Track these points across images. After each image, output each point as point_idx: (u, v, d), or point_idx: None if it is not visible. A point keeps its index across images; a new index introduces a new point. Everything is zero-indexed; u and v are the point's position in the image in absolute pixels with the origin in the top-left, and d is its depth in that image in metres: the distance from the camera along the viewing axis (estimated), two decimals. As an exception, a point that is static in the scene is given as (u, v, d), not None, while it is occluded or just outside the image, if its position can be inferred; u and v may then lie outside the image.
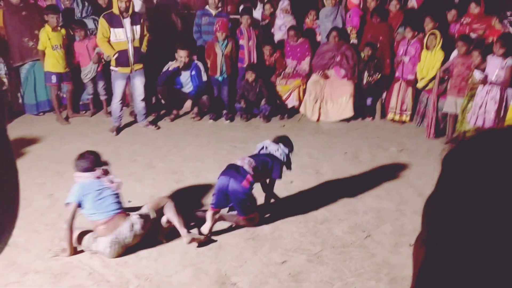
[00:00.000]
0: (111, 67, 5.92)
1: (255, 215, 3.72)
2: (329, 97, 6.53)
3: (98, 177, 3.39)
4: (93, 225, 3.34)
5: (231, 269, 3.20)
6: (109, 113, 6.43)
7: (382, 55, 6.55)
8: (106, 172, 3.50)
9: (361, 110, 6.65)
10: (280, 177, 3.81)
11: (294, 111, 6.78)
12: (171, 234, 3.59)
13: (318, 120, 6.58)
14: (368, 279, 3.11)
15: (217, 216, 3.63)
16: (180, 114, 6.67)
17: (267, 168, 3.73)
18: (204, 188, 4.45)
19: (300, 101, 6.67)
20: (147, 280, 3.07)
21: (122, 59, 5.76)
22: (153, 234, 3.51)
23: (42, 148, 5.55)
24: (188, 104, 6.46)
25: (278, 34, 7.00)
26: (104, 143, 5.62)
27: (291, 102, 6.70)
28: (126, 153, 5.36)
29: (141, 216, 3.41)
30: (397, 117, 6.49)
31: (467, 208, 0.41)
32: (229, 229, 3.72)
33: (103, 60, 6.33)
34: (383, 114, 6.68)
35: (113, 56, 5.75)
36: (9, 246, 3.39)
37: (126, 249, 3.36)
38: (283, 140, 4.01)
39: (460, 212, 0.42)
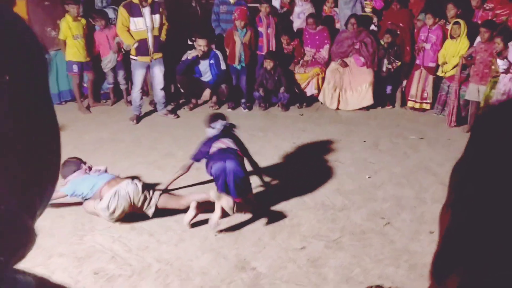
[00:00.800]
0: (131, 56, 5.97)
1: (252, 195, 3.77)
2: (348, 86, 6.48)
3: (86, 172, 3.75)
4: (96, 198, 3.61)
5: (250, 254, 3.23)
6: (129, 102, 6.50)
7: (402, 42, 6.45)
8: (90, 168, 3.81)
9: (381, 98, 6.58)
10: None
11: (313, 99, 6.75)
12: (188, 232, 3.64)
13: (337, 108, 6.54)
14: (387, 266, 3.10)
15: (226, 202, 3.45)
16: (199, 103, 6.71)
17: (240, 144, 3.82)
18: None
19: (319, 90, 6.64)
20: (168, 264, 3.13)
21: (142, 48, 5.81)
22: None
23: (64, 137, 5.54)
24: (206, 93, 6.49)
25: (297, 22, 6.96)
26: (125, 132, 5.70)
27: (310, 91, 6.67)
28: (146, 142, 5.43)
29: (143, 185, 3.67)
30: (417, 105, 6.40)
31: (495, 175, 0.41)
32: (247, 215, 3.74)
33: (122, 50, 6.40)
34: (403, 103, 6.60)
35: (133, 45, 5.80)
36: (35, 230, 3.49)
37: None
38: (215, 118, 3.93)
39: (488, 178, 0.42)
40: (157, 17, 5.82)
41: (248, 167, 3.85)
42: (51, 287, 0.40)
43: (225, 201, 3.40)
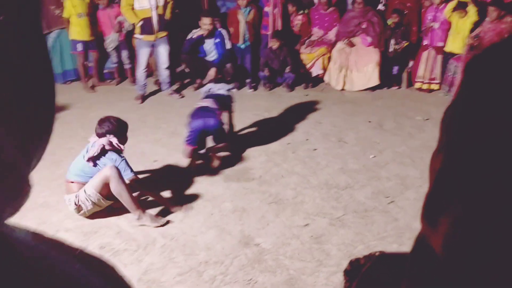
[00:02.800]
0: (136, 35, 5.94)
1: (227, 143, 4.32)
2: (354, 66, 6.43)
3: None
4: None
5: (254, 230, 3.26)
6: (134, 82, 6.50)
7: (409, 22, 6.37)
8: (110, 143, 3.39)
9: (387, 78, 6.53)
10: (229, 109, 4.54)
11: (318, 80, 6.71)
12: (195, 199, 3.68)
13: (342, 89, 6.51)
14: (391, 243, 3.13)
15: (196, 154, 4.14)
16: (204, 83, 6.68)
17: (223, 102, 4.36)
18: (227, 155, 4.50)
19: (325, 70, 6.60)
20: (173, 240, 3.16)
21: (146, 27, 5.78)
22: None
23: (69, 115, 5.68)
24: (212, 72, 6.46)
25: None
26: (130, 111, 5.71)
27: (316, 71, 6.63)
28: (152, 120, 5.44)
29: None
30: (425, 86, 6.36)
31: (490, 116, 0.40)
32: (252, 194, 3.77)
33: (123, 30, 6.35)
34: (410, 83, 6.55)
35: (138, 24, 5.77)
36: (42, 207, 3.54)
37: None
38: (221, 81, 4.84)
39: (483, 120, 0.40)
40: None
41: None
42: (46, 240, 0.38)
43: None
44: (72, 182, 3.39)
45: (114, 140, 3.36)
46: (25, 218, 3.20)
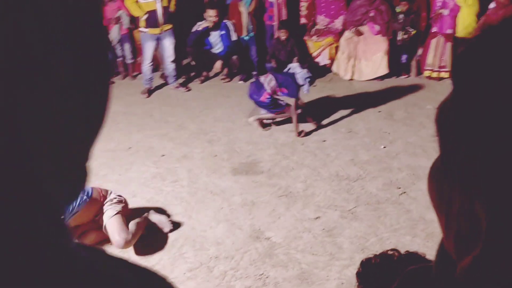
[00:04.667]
0: (140, 29, 5.89)
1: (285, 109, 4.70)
2: (362, 55, 6.33)
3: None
4: None
5: (264, 224, 3.21)
6: (134, 76, 6.49)
7: (418, 9, 6.25)
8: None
9: (396, 67, 6.43)
10: (295, 96, 4.66)
11: (326, 70, 6.62)
12: (203, 193, 3.64)
13: (351, 79, 6.42)
14: (404, 235, 3.06)
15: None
16: (210, 76, 6.63)
17: (287, 84, 4.60)
18: (237, 147, 4.45)
19: (332, 60, 6.50)
20: (182, 235, 3.13)
21: (151, 19, 5.71)
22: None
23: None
24: (218, 64, 6.40)
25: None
26: (137, 105, 5.68)
27: (323, 61, 6.54)
28: (158, 114, 5.40)
29: None
30: (435, 74, 6.24)
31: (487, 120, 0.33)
32: (261, 187, 3.72)
33: (120, 23, 6.26)
34: (419, 72, 6.44)
35: (142, 17, 5.71)
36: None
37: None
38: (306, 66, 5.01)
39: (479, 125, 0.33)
40: None
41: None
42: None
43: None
44: None
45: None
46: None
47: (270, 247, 2.97)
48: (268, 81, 4.59)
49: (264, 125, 4.87)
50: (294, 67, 4.79)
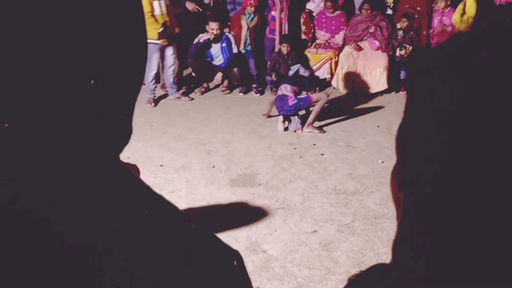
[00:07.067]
0: (152, 41, 5.77)
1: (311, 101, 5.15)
2: (362, 70, 6.38)
3: None
4: None
5: (261, 237, 3.20)
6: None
7: (419, 26, 6.31)
8: None
9: (396, 83, 6.47)
10: (309, 89, 5.58)
11: (326, 84, 6.66)
12: (199, 213, 3.63)
13: (350, 93, 6.45)
14: (401, 250, 3.06)
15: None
16: (211, 87, 6.66)
17: (296, 82, 5.23)
18: (235, 158, 4.46)
19: (332, 74, 6.54)
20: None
21: (164, 31, 5.73)
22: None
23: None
24: (218, 76, 6.43)
25: (311, 5, 6.85)
26: (137, 115, 5.53)
27: (323, 75, 6.58)
28: (158, 124, 5.41)
29: None
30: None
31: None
32: (259, 199, 3.72)
33: None
34: (418, 88, 6.49)
35: (160, 29, 5.67)
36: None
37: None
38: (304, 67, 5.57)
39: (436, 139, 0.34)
40: None
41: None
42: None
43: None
44: None
45: None
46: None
47: (266, 260, 2.96)
48: (283, 88, 5.09)
49: (319, 127, 5.22)
50: (295, 68, 5.39)
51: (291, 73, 5.48)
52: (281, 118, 5.17)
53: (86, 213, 0.35)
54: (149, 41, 5.84)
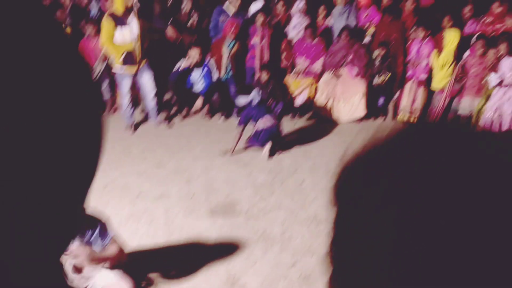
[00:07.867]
0: (116, 68, 5.72)
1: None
2: (341, 96, 6.46)
3: None
4: None
5: (241, 270, 3.16)
6: (113, 111, 6.49)
7: (395, 54, 6.45)
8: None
9: (374, 110, 6.57)
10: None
11: (305, 110, 6.71)
12: (177, 245, 3.57)
13: (329, 119, 6.52)
14: (381, 283, 3.05)
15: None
16: (191, 113, 6.64)
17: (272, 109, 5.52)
18: (215, 186, 4.42)
19: (312, 100, 6.61)
20: (157, 280, 3.04)
21: (129, 58, 5.60)
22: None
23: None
24: (199, 102, 6.43)
25: (292, 33, 6.94)
26: (114, 141, 5.60)
27: (302, 101, 6.64)
28: (137, 151, 5.35)
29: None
30: (406, 117, 6.40)
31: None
32: (238, 229, 3.68)
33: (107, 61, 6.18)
34: (396, 115, 6.59)
35: (120, 57, 5.57)
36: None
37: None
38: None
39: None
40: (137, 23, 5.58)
41: None
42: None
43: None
44: None
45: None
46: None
47: (245, 294, 2.91)
48: (262, 123, 5.21)
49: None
50: (254, 97, 5.67)
51: (244, 101, 5.84)
52: (267, 146, 5.22)
53: None
54: (114, 69, 5.74)
